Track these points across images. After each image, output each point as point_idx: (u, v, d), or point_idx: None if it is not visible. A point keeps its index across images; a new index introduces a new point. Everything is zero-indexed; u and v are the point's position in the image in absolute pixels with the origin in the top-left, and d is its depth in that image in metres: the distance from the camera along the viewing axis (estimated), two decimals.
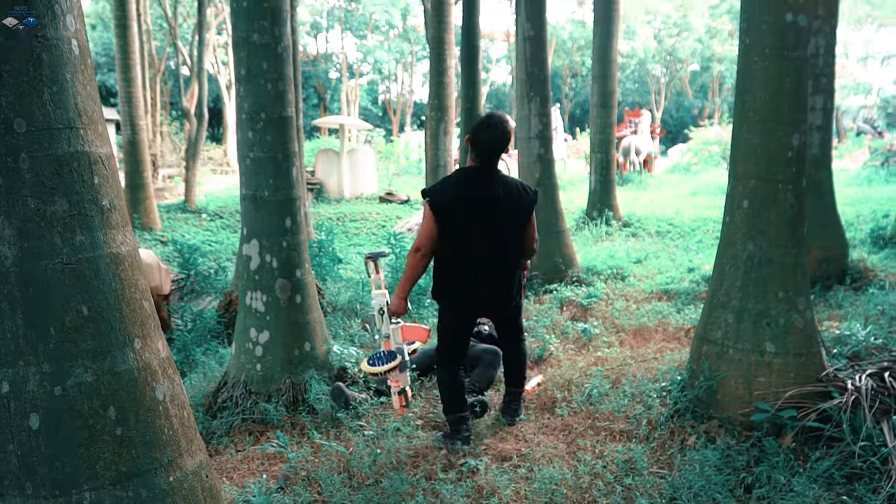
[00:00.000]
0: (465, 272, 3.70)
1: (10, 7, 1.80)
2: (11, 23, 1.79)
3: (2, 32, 1.78)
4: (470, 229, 3.62)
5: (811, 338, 3.61)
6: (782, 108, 3.54)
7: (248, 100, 4.28)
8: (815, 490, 2.98)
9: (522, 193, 3.77)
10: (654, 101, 36.23)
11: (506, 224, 3.70)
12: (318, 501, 3.31)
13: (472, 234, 3.63)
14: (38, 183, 1.84)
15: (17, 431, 1.88)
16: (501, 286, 3.79)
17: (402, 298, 3.77)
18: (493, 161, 3.70)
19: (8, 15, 1.79)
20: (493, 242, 3.68)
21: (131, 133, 12.94)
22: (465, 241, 3.65)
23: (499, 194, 3.66)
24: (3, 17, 1.78)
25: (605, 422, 3.94)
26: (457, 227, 3.62)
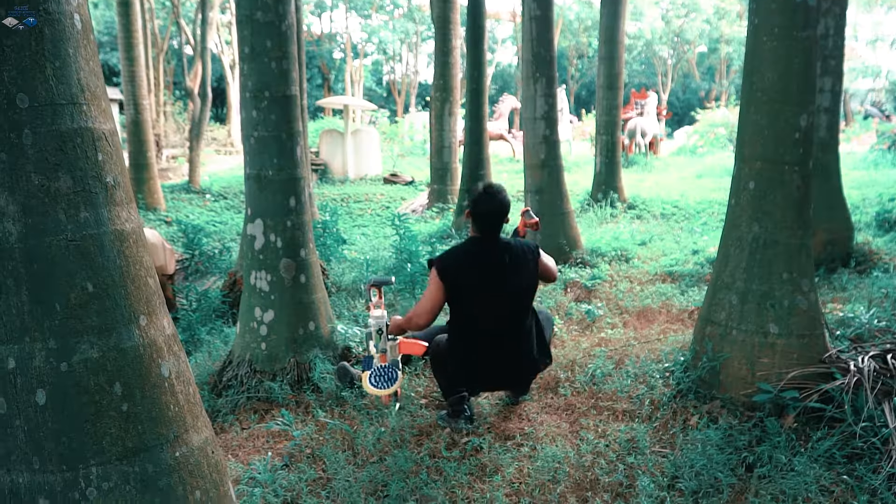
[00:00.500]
0: (471, 348, 3.68)
1: (10, 6, 1.80)
2: (11, 23, 1.79)
3: (3, 6, 1.78)
4: (476, 299, 3.61)
5: (815, 319, 3.61)
6: (790, 88, 3.52)
7: (252, 78, 4.27)
8: (815, 469, 2.99)
9: (527, 252, 3.76)
10: (661, 82, 36.02)
11: (513, 291, 3.66)
12: (322, 478, 3.34)
13: (479, 305, 3.62)
14: (41, 159, 1.84)
15: (24, 407, 1.89)
16: (509, 362, 3.76)
17: (400, 325, 3.82)
18: (496, 231, 3.69)
19: (8, 15, 1.79)
20: (500, 314, 3.66)
21: (135, 113, 12.92)
22: (471, 313, 3.65)
23: (504, 260, 3.64)
24: (3, 17, 1.78)
25: (608, 402, 3.96)
26: (463, 296, 3.61)
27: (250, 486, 3.23)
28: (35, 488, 1.91)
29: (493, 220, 3.65)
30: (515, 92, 36.61)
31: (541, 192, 7.55)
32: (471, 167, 10.43)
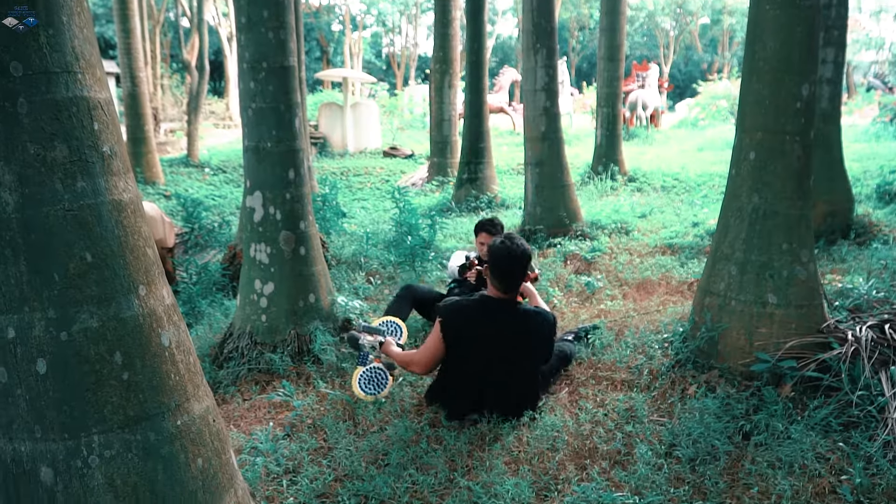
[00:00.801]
0: (465, 381, 3.54)
1: (10, 6, 1.79)
2: (11, 23, 1.77)
3: (3, 6, 1.77)
4: (476, 356, 3.47)
5: (813, 290, 3.62)
6: (792, 57, 3.49)
7: (250, 49, 4.23)
8: (812, 437, 3.02)
9: (544, 325, 3.51)
10: (663, 54, 35.72)
11: (520, 361, 3.49)
12: (323, 448, 3.37)
13: (478, 360, 3.47)
14: (37, 128, 1.83)
15: (25, 376, 1.90)
16: (499, 400, 3.53)
17: (396, 361, 3.78)
18: (515, 287, 3.46)
19: (8, 15, 1.77)
20: (500, 370, 3.48)
21: (131, 86, 12.83)
22: (467, 359, 3.50)
23: (519, 332, 3.45)
24: (3, 17, 1.77)
25: (606, 372, 3.98)
26: (462, 350, 3.47)
27: (252, 455, 3.26)
28: (37, 456, 1.93)
29: (514, 279, 3.41)
30: (516, 64, 36.30)
31: (541, 165, 7.53)
32: (471, 140, 10.39)
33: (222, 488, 2.22)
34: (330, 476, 3.08)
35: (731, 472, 2.92)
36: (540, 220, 7.49)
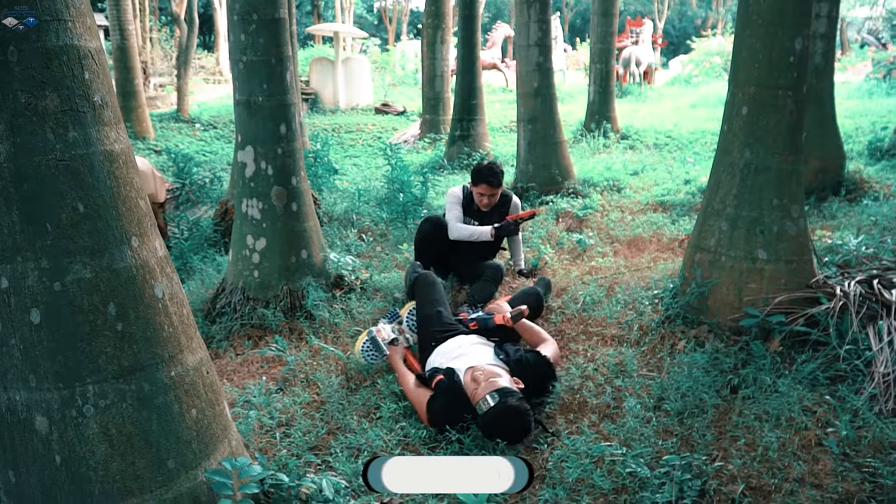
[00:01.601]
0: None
1: (10, 6, 1.76)
2: (11, 23, 1.74)
3: (4, 5, 1.74)
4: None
5: (803, 245, 3.64)
6: (786, 10, 3.45)
7: (240, 0, 4.16)
8: (799, 391, 3.07)
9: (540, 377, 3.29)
10: (657, 10, 35.24)
11: None
12: (316, 401, 3.41)
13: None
14: (28, 77, 1.80)
15: (19, 326, 1.90)
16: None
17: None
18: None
19: (8, 15, 1.73)
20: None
21: (120, 38, 12.59)
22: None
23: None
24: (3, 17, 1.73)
25: (597, 328, 4.02)
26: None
27: (245, 408, 3.30)
28: (32, 405, 1.95)
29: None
30: (509, 20, 35.79)
31: (533, 122, 7.48)
32: (463, 97, 10.30)
33: (216, 438, 2.25)
34: (323, 429, 3.12)
35: (718, 424, 2.97)
36: (532, 177, 7.47)
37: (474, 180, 4.82)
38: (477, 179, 4.79)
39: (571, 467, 2.67)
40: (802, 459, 2.67)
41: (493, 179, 4.74)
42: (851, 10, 31.83)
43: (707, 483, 2.53)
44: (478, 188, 4.79)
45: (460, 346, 3.48)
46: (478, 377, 3.03)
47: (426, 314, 3.83)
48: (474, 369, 3.10)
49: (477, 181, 4.79)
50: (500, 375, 3.03)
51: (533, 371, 3.21)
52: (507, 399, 2.87)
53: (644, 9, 38.63)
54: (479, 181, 4.78)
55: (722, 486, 2.55)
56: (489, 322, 3.73)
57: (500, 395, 2.88)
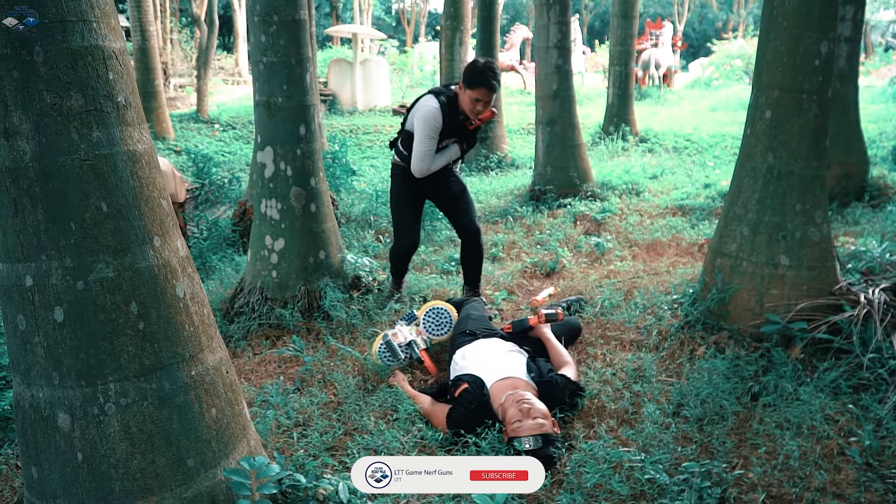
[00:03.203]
0: None
1: (11, 6, 1.77)
2: (11, 23, 1.75)
3: (4, 6, 1.75)
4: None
5: (826, 251, 3.60)
6: (812, 13, 3.42)
7: (261, 1, 4.17)
8: (821, 399, 3.03)
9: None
10: (677, 12, 35.08)
11: None
12: (333, 402, 3.41)
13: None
14: (53, 77, 1.82)
15: (43, 324, 1.92)
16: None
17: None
18: None
19: (8, 15, 1.75)
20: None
21: (141, 40, 12.71)
22: None
23: None
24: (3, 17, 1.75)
25: (615, 332, 4.00)
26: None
27: (263, 408, 3.31)
28: (55, 403, 1.96)
29: None
30: (527, 22, 35.73)
31: (552, 124, 7.46)
32: None
33: (235, 438, 2.26)
34: (340, 430, 3.12)
35: (738, 432, 2.94)
36: (550, 180, 7.45)
37: (471, 82, 3.93)
38: (475, 81, 3.92)
39: (589, 472, 2.65)
40: (824, 469, 2.64)
41: (496, 82, 3.94)
42: (876, 14, 31.50)
43: (727, 491, 2.51)
44: (475, 92, 3.93)
45: (492, 351, 3.43)
46: (525, 410, 2.88)
47: (462, 317, 3.89)
48: (518, 396, 2.97)
49: (475, 83, 3.92)
50: (547, 417, 2.92)
51: (559, 396, 3.16)
52: (548, 449, 2.80)
53: (664, 11, 38.46)
54: (477, 83, 3.91)
55: (742, 494, 2.52)
56: (524, 323, 3.73)
57: (544, 442, 2.80)
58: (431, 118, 4.02)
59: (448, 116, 4.04)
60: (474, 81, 3.91)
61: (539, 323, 3.72)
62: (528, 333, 3.72)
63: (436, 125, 4.03)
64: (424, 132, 4.04)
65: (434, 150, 4.12)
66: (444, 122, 4.04)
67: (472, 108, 4.00)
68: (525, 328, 3.72)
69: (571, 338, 3.93)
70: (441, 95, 4.08)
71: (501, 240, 6.03)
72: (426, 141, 4.05)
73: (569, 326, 3.93)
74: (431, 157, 4.12)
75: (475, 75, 3.91)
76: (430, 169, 4.17)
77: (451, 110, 4.04)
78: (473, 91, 3.93)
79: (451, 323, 3.92)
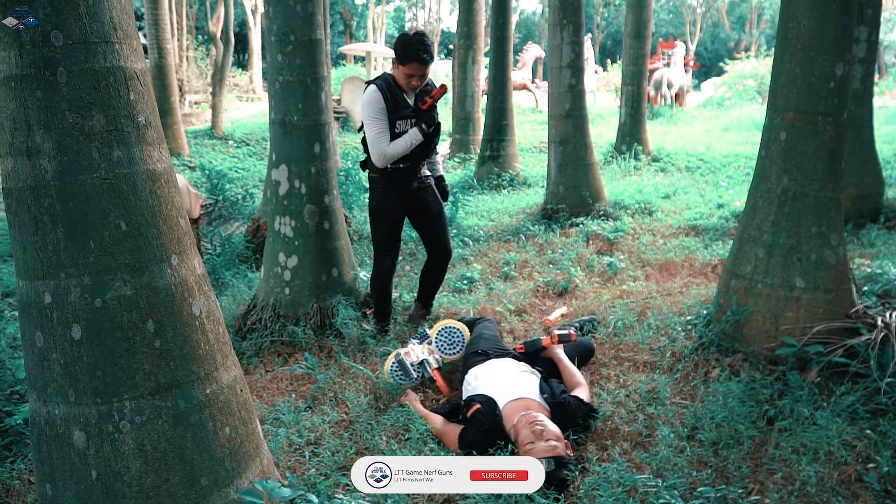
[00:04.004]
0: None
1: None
2: (11, 23, 1.78)
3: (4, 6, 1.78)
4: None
5: (842, 274, 3.57)
6: (827, 35, 3.42)
7: (277, 21, 4.22)
8: (838, 424, 2.99)
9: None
10: (689, 32, 35.19)
11: None
12: (345, 421, 3.40)
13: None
14: (75, 97, 1.84)
15: (60, 341, 1.93)
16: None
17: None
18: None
19: (8, 14, 1.78)
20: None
21: (158, 57, 12.87)
22: None
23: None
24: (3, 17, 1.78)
25: (628, 353, 3.97)
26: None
27: (275, 426, 3.30)
28: (70, 420, 1.97)
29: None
30: (539, 41, 35.92)
31: (565, 143, 7.47)
32: (494, 117, 10.33)
33: (248, 457, 2.26)
34: (351, 449, 3.11)
35: (754, 456, 2.91)
36: (562, 199, 7.45)
37: (402, 58, 3.89)
38: (405, 57, 3.87)
39: (603, 496, 2.63)
40: (842, 495, 2.60)
41: (427, 55, 3.88)
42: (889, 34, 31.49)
43: None
44: (407, 67, 3.90)
45: (505, 371, 3.41)
46: (538, 431, 2.86)
47: (474, 337, 3.88)
48: (531, 418, 2.95)
49: (405, 59, 3.88)
50: (560, 439, 2.90)
51: (572, 417, 3.14)
52: (561, 471, 2.77)
53: (676, 31, 38.57)
54: (408, 59, 3.87)
55: None
56: (537, 343, 3.72)
57: (557, 465, 2.77)
58: (370, 100, 3.97)
59: (390, 96, 3.97)
60: (405, 57, 3.87)
61: (552, 343, 3.71)
62: (540, 353, 3.71)
63: (377, 105, 3.95)
64: (368, 115, 3.98)
65: (386, 132, 4.00)
66: (388, 101, 3.96)
67: (407, 83, 3.96)
68: (537, 348, 3.71)
69: (584, 358, 3.91)
70: (378, 79, 4.05)
71: (513, 258, 6.03)
72: (373, 123, 3.97)
73: (581, 347, 3.92)
74: (386, 139, 4.00)
75: (405, 50, 3.86)
76: (391, 154, 4.02)
77: (390, 89, 3.98)
78: (405, 66, 3.90)
79: (463, 342, 3.91)
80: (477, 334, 3.88)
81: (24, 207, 1.89)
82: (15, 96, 1.83)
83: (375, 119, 3.97)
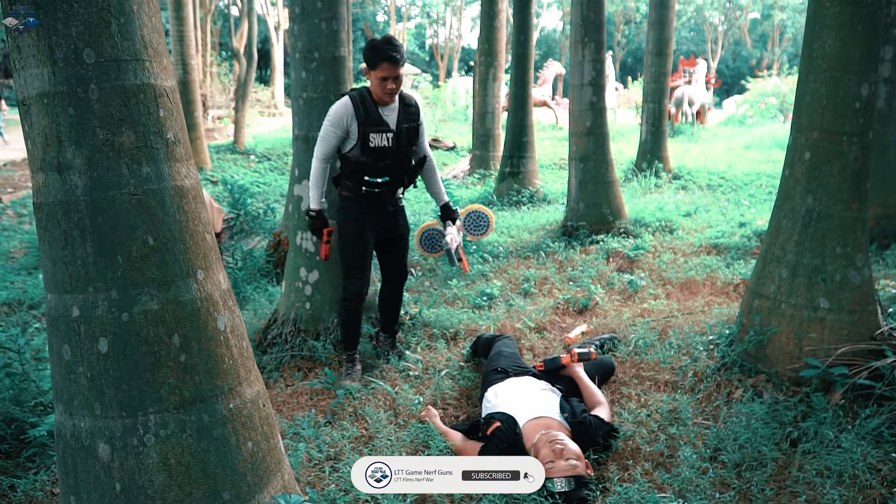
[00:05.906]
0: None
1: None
2: (11, 23, 1.82)
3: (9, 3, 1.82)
4: None
5: (867, 295, 3.53)
6: (853, 56, 3.40)
7: (302, 38, 4.27)
8: (863, 447, 2.95)
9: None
10: (711, 50, 35.12)
11: None
12: (364, 436, 3.40)
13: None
14: (106, 114, 1.88)
15: (87, 354, 1.96)
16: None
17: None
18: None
19: (8, 14, 1.81)
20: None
21: (182, 73, 13.06)
22: None
23: None
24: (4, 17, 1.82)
25: (650, 372, 3.95)
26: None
27: (295, 440, 3.31)
28: (96, 432, 1.99)
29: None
30: (560, 58, 36.01)
31: (586, 160, 7.47)
32: (514, 133, 10.35)
33: (270, 472, 2.26)
34: None
35: (778, 479, 2.87)
36: (583, 216, 7.43)
37: (372, 62, 3.71)
38: (376, 60, 3.69)
39: None
40: None
41: (396, 54, 3.69)
42: None
43: None
44: (378, 70, 3.71)
45: (525, 389, 3.41)
46: (557, 451, 2.85)
47: (493, 354, 3.87)
48: (551, 437, 2.94)
49: (376, 62, 3.70)
50: (581, 458, 2.89)
51: (593, 436, 3.12)
52: (581, 491, 2.77)
53: (697, 48, 38.54)
54: (378, 60, 3.69)
55: None
56: (556, 361, 3.71)
57: (577, 484, 2.77)
58: (335, 108, 3.83)
59: (363, 108, 3.80)
60: (375, 60, 3.69)
61: (571, 361, 3.69)
62: (560, 372, 3.69)
63: (341, 112, 3.79)
64: (326, 121, 3.85)
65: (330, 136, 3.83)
66: (360, 112, 3.79)
67: (382, 88, 3.75)
68: (557, 366, 3.70)
69: (605, 377, 3.89)
70: (353, 90, 3.92)
71: (533, 275, 6.02)
72: (326, 126, 3.83)
73: (602, 366, 3.90)
74: (322, 151, 3.86)
75: (375, 54, 3.69)
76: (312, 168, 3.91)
77: (363, 101, 3.81)
78: (377, 70, 3.71)
79: (487, 225, 4.43)
80: (496, 352, 3.88)
81: (54, 222, 1.93)
82: (47, 113, 1.87)
83: (330, 123, 3.82)
